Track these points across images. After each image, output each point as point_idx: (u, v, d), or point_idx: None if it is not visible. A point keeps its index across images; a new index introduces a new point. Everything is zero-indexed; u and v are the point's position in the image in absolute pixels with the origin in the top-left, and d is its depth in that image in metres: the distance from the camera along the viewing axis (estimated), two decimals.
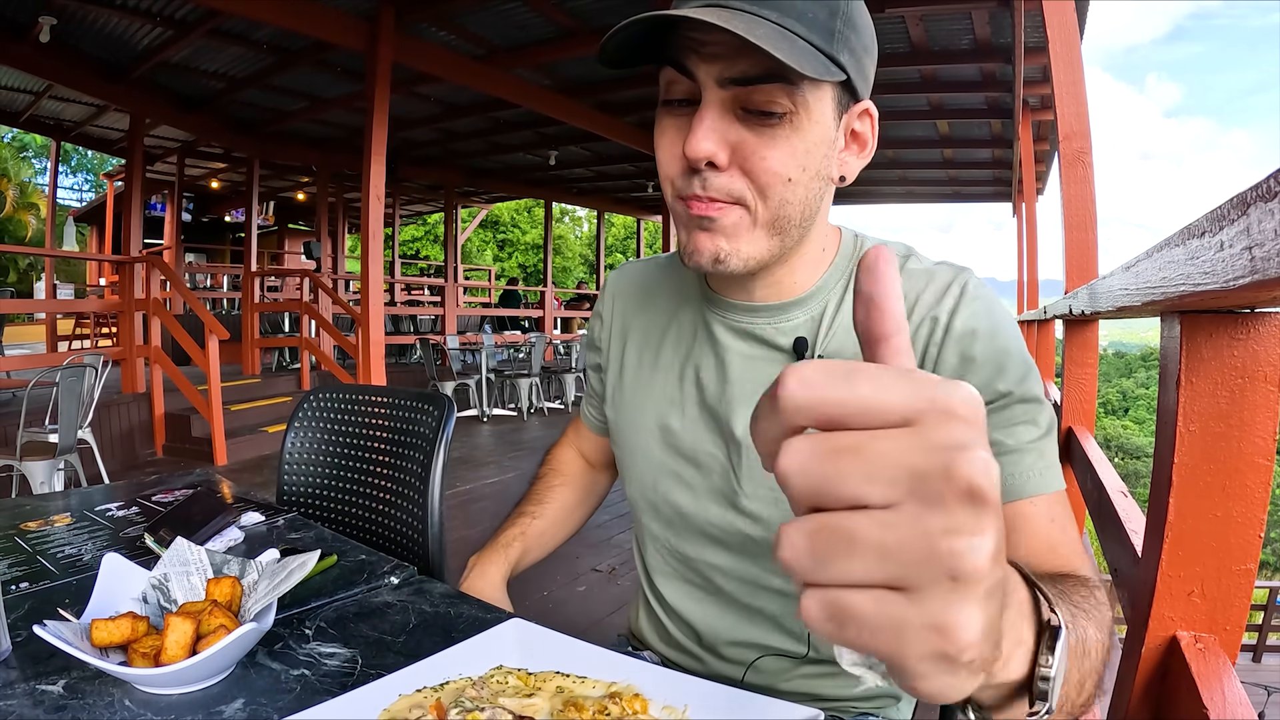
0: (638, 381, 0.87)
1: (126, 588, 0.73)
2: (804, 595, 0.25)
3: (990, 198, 12.42)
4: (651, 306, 0.89)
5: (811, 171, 0.66)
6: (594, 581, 3.38)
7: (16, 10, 5.75)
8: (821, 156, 0.66)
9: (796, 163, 0.65)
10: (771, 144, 0.64)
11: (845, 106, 0.67)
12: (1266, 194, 0.45)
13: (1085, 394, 2.61)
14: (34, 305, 12.54)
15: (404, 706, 0.57)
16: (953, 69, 6.85)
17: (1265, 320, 0.79)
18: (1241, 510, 0.83)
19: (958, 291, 0.70)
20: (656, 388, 0.85)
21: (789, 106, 0.63)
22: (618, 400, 0.90)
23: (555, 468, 1.08)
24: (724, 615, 0.83)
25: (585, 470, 1.09)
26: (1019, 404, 0.66)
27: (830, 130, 0.66)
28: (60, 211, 14.27)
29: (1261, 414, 0.81)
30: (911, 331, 0.69)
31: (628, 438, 0.88)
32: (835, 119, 0.67)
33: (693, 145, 0.63)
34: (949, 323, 0.68)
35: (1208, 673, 0.80)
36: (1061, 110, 2.64)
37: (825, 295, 0.76)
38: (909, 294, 0.71)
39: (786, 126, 0.63)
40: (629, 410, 0.88)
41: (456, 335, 9.74)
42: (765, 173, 0.64)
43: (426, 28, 6.24)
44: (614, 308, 0.94)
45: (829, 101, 0.65)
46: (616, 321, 0.93)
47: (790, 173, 0.65)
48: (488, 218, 24.93)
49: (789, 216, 0.67)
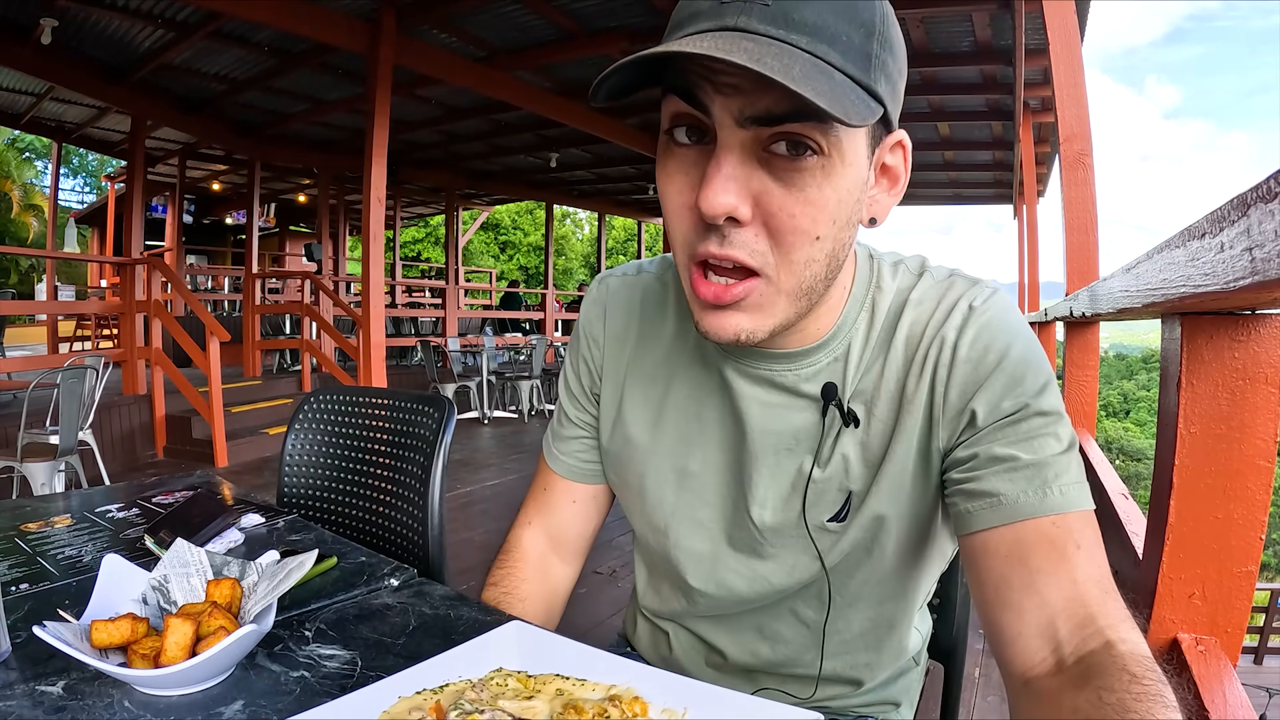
0: (648, 417, 0.79)
1: (126, 589, 0.73)
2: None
3: (991, 200, 12.42)
4: (655, 332, 0.79)
5: (842, 222, 0.58)
6: (595, 584, 3.37)
7: (18, 12, 5.75)
8: (854, 203, 0.59)
9: (827, 215, 0.56)
10: (800, 196, 0.55)
11: (878, 140, 0.59)
12: (1266, 195, 0.45)
13: (1086, 396, 2.61)
14: (35, 307, 12.55)
15: (404, 708, 0.57)
16: (953, 71, 6.86)
17: (1266, 322, 0.79)
18: (1242, 512, 0.83)
19: (965, 308, 0.65)
20: (669, 426, 0.77)
21: (820, 147, 0.54)
22: (619, 440, 0.81)
23: (511, 593, 0.85)
24: (735, 639, 0.81)
25: (548, 576, 0.90)
26: (1036, 416, 0.61)
27: (863, 171, 0.58)
28: (61, 213, 14.28)
29: (1262, 416, 0.81)
30: (920, 355, 0.66)
31: (631, 482, 0.81)
32: (868, 156, 0.58)
33: (709, 199, 0.54)
34: (956, 342, 0.64)
35: (1209, 675, 0.80)
36: (1062, 112, 2.64)
37: (848, 332, 0.69)
38: (919, 322, 0.67)
39: (817, 172, 0.55)
40: (639, 454, 0.79)
41: (457, 337, 9.75)
42: (793, 231, 0.56)
43: (427, 30, 6.25)
44: (607, 330, 0.82)
45: (863, 138, 0.57)
46: (612, 347, 0.82)
47: (820, 229, 0.57)
48: (489, 220, 24.94)
49: (815, 275, 0.60)
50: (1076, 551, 0.57)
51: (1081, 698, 0.50)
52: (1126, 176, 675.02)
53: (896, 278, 0.71)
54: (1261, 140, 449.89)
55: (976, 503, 0.61)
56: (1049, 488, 0.59)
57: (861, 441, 0.69)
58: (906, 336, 0.68)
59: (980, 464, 0.62)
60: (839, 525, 0.70)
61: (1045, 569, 0.57)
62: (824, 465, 0.70)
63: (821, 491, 0.70)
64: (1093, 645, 0.54)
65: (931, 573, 0.78)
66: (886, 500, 0.69)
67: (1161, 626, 0.88)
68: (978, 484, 0.61)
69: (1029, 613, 0.57)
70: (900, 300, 0.69)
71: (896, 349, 0.68)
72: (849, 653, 0.78)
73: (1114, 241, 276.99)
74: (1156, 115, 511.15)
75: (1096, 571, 0.58)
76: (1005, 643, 0.58)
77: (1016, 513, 0.59)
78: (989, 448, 0.62)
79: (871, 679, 0.80)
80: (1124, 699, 0.48)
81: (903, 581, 0.74)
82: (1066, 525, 0.58)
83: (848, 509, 0.70)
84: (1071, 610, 0.56)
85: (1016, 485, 0.59)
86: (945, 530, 0.73)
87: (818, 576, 0.73)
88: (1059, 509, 0.58)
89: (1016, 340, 0.64)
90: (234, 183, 12.29)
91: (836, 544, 0.71)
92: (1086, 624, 0.55)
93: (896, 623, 0.78)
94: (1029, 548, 0.58)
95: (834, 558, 0.72)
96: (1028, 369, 0.62)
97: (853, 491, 0.70)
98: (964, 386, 0.64)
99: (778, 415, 0.71)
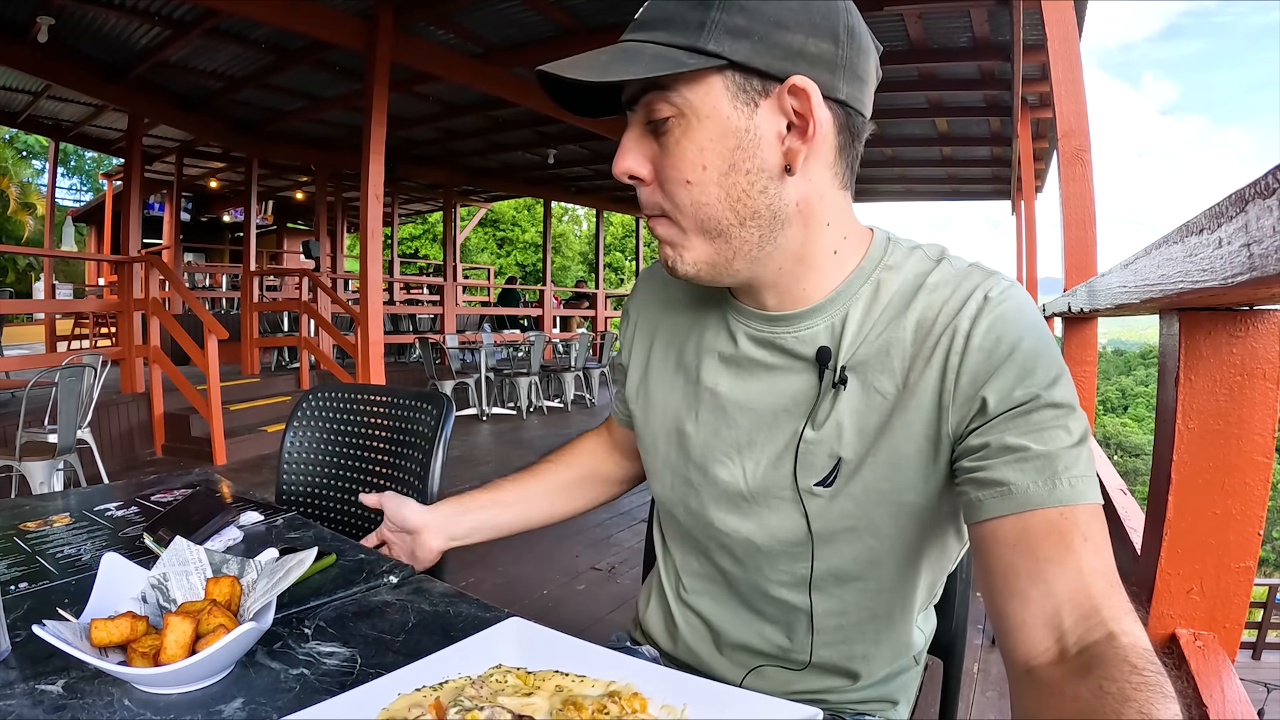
0: (660, 382, 0.86)
1: (125, 587, 0.73)
2: None
3: (989, 195, 12.42)
4: (678, 306, 0.87)
5: (716, 168, 0.65)
6: (593, 580, 3.38)
7: (14, 10, 5.74)
8: (729, 150, 0.65)
9: (691, 163, 0.65)
10: (668, 151, 0.66)
11: (759, 91, 0.64)
12: (1265, 191, 0.45)
13: (1084, 391, 2.61)
14: (33, 305, 12.55)
15: (403, 705, 0.57)
16: (951, 66, 6.85)
17: (1264, 317, 0.79)
18: (1240, 508, 0.83)
19: (980, 298, 0.66)
20: (676, 390, 0.84)
21: (672, 110, 0.65)
22: (642, 399, 0.88)
23: (562, 451, 1.07)
24: (736, 616, 0.83)
25: (602, 457, 1.06)
26: (1047, 408, 0.62)
27: (732, 122, 0.64)
28: (59, 212, 14.26)
29: (1260, 411, 0.81)
30: (933, 340, 0.67)
31: (648, 439, 0.87)
32: (738, 108, 0.64)
33: (614, 165, 0.69)
34: (970, 330, 0.65)
35: (1207, 670, 0.80)
36: (1060, 108, 2.64)
37: (846, 301, 0.72)
38: (932, 306, 0.69)
39: (676, 131, 0.65)
40: (650, 411, 0.87)
41: (456, 334, 9.74)
42: (668, 180, 0.67)
43: (425, 27, 6.24)
44: (641, 306, 0.92)
45: (720, 93, 0.64)
46: (643, 320, 0.91)
47: (688, 175, 0.66)
48: (487, 216, 24.92)
49: (711, 217, 0.67)
50: (1083, 544, 0.58)
51: (1083, 687, 0.51)
52: (1122, 172, 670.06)
53: (911, 260, 0.73)
54: (1259, 136, 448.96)
55: (986, 491, 0.62)
56: (1058, 479, 0.60)
57: (858, 410, 0.70)
58: (919, 319, 0.69)
59: (991, 453, 0.63)
60: (826, 490, 0.71)
61: (1052, 559, 0.58)
62: (817, 427, 0.72)
63: (812, 454, 0.72)
64: (1096, 636, 0.55)
65: (934, 567, 0.78)
66: (882, 476, 0.69)
67: (1160, 622, 0.88)
68: (988, 473, 0.62)
69: (1034, 602, 0.58)
70: (916, 282, 0.71)
71: (906, 328, 0.69)
72: (845, 641, 0.78)
73: (1110, 237, 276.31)
74: (1153, 111, 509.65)
75: (1102, 564, 0.58)
76: (1010, 630, 0.59)
77: (1025, 503, 0.60)
78: (1000, 437, 0.63)
79: (869, 674, 0.80)
80: (1124, 689, 0.49)
81: (902, 570, 0.74)
82: (1074, 517, 0.59)
83: (835, 474, 0.71)
84: (1077, 601, 0.57)
85: (1026, 475, 0.60)
86: (952, 526, 0.74)
87: (804, 539, 0.73)
88: (1067, 500, 0.59)
89: (1030, 332, 0.65)
90: (231, 180, 12.27)
91: (825, 510, 0.72)
92: (1091, 615, 0.56)
93: (897, 616, 0.78)
94: (1037, 538, 0.59)
95: (822, 524, 0.72)
96: (1039, 360, 0.63)
97: (842, 459, 0.71)
98: (975, 374, 0.65)
99: (777, 375, 0.75)
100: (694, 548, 0.85)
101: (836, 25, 0.64)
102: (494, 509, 1.00)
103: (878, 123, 0.73)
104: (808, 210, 0.69)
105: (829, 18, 0.64)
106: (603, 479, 1.07)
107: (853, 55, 0.65)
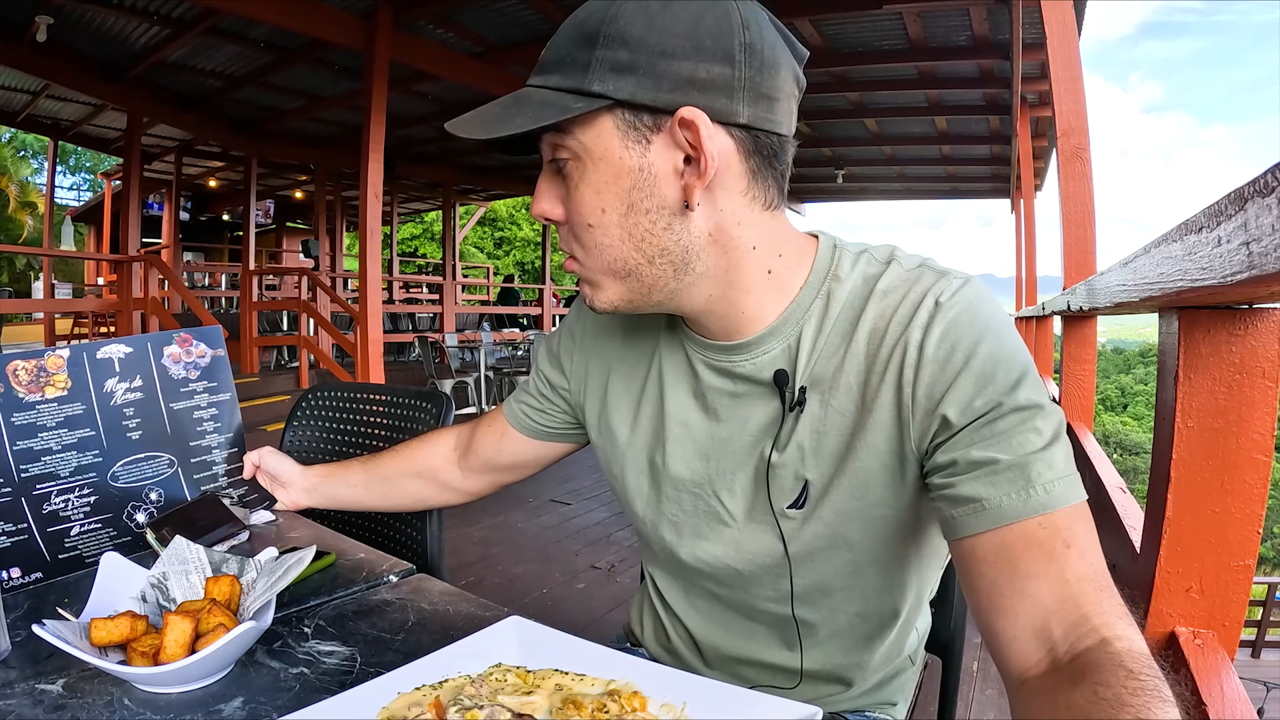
0: (623, 416, 0.83)
1: (125, 586, 0.73)
2: None
3: (988, 194, 12.41)
4: (632, 333, 0.84)
5: (615, 210, 0.64)
6: (593, 579, 3.38)
7: (13, 10, 5.73)
8: (625, 191, 0.63)
9: (590, 206, 0.64)
10: (570, 194, 0.65)
11: (649, 127, 0.61)
12: (1264, 189, 0.45)
13: (1084, 390, 2.62)
14: (32, 305, 12.53)
15: (403, 704, 0.57)
16: (950, 65, 6.84)
17: (1263, 316, 0.79)
18: (1240, 506, 0.83)
19: (931, 304, 0.63)
20: (643, 423, 0.81)
21: (568, 153, 0.64)
22: (604, 431, 0.85)
23: (414, 441, 1.09)
24: (727, 630, 0.82)
25: (446, 461, 1.05)
26: (1012, 413, 0.59)
27: (625, 161, 0.62)
28: (58, 211, 14.25)
29: (1259, 410, 0.81)
30: (885, 353, 0.65)
31: (615, 470, 0.85)
32: (629, 147, 0.62)
33: (531, 208, 0.69)
34: (922, 341, 0.63)
35: (1206, 669, 0.80)
36: (1059, 107, 2.64)
37: (799, 320, 0.69)
38: (883, 315, 0.66)
39: (575, 174, 0.64)
40: (614, 445, 0.84)
41: (455, 333, 9.73)
42: (574, 224, 0.67)
43: (424, 25, 6.22)
44: (589, 331, 0.88)
45: (611, 133, 0.62)
46: (596, 348, 0.87)
47: (588, 218, 0.65)
48: (486, 214, 24.89)
49: (618, 259, 0.66)
50: (1066, 550, 0.56)
51: (1077, 694, 0.50)
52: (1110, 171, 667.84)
53: (858, 266, 0.69)
54: (1241, 134, 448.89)
55: (959, 509, 0.60)
56: (1032, 488, 0.57)
57: (817, 430, 0.69)
58: (870, 330, 0.66)
59: (960, 469, 0.60)
60: (799, 512, 0.70)
61: (1035, 572, 0.56)
62: (781, 450, 0.70)
63: (780, 477, 0.71)
64: (1088, 643, 0.53)
65: (923, 573, 0.77)
66: (850, 495, 0.68)
67: (1159, 620, 0.88)
68: (959, 489, 0.60)
69: (1022, 616, 0.56)
70: (865, 289, 0.68)
71: (859, 341, 0.67)
72: (836, 650, 0.78)
73: (1103, 235, 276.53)
74: (1136, 109, 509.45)
75: (1088, 568, 0.56)
76: (1000, 646, 0.58)
77: (1000, 517, 0.58)
78: (966, 452, 0.60)
79: (863, 680, 0.80)
80: (1120, 694, 0.47)
81: (887, 579, 0.74)
82: (1053, 524, 0.57)
83: (805, 496, 0.70)
84: (1065, 611, 0.55)
85: (998, 489, 0.58)
86: (936, 529, 0.72)
87: (780, 560, 0.73)
88: (1044, 508, 0.57)
89: (986, 335, 0.62)
90: (231, 179, 12.25)
91: (799, 532, 0.71)
92: (1080, 623, 0.54)
93: (887, 622, 0.77)
94: (1016, 552, 0.57)
95: (798, 545, 0.71)
96: (998, 365, 0.60)
97: (809, 480, 0.70)
98: (931, 387, 0.62)
99: (742, 404, 0.73)
100: (676, 571, 0.84)
101: (731, 45, 0.60)
102: (340, 486, 1.09)
103: (877, 121, 0.72)
104: (724, 239, 0.66)
105: (721, 39, 0.60)
106: (439, 483, 1.07)
107: (754, 74, 0.61)
